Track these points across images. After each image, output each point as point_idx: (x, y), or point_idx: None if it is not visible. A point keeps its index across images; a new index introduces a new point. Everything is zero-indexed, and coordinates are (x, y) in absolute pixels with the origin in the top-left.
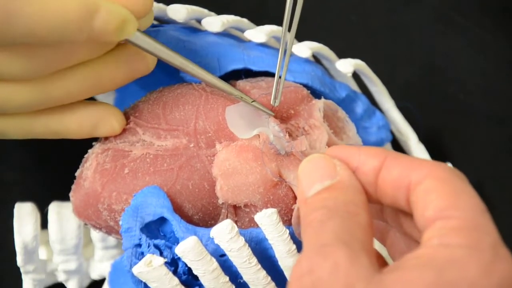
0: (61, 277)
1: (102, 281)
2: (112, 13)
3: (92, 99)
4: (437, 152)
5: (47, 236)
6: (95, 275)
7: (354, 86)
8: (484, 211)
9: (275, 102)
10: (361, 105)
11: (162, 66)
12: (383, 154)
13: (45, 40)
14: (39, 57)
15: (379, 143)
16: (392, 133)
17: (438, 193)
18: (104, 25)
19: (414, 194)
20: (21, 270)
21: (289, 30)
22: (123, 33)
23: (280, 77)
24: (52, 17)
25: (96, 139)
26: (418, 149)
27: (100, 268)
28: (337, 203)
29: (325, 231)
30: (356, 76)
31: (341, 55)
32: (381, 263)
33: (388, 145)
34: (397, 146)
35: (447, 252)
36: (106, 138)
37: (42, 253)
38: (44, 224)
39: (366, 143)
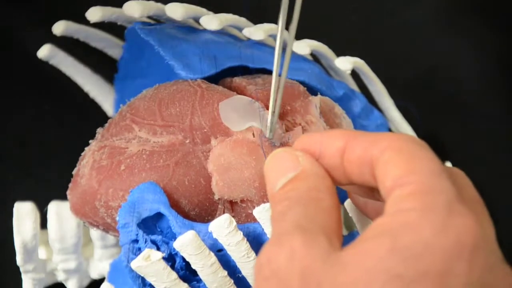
0: (60, 277)
1: (101, 280)
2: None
3: (92, 101)
4: (436, 152)
5: (47, 235)
6: (94, 274)
7: (353, 85)
8: (440, 172)
9: (270, 134)
10: (358, 104)
11: (162, 66)
12: (345, 134)
13: None
14: None
15: None
16: (391, 132)
17: (395, 163)
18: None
19: (376, 168)
20: (21, 269)
21: (287, 29)
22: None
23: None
24: None
25: (93, 137)
26: None
27: (99, 267)
28: (299, 192)
29: (284, 221)
30: (355, 75)
31: (341, 55)
32: None
33: None
34: None
35: (401, 218)
36: (103, 136)
37: (42, 253)
38: (43, 223)
39: None
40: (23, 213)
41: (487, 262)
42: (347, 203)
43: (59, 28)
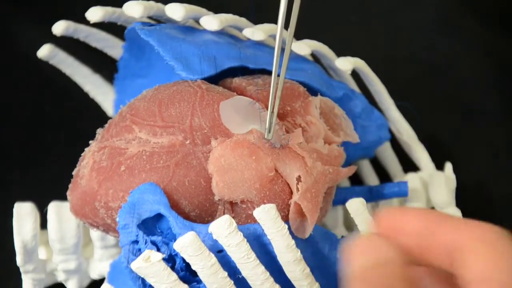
0: (60, 277)
1: (102, 280)
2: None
3: (92, 101)
4: (436, 152)
5: (47, 236)
6: (94, 275)
7: (353, 85)
8: None
9: (269, 135)
10: (359, 104)
11: (162, 66)
12: (429, 216)
13: None
14: None
15: (377, 142)
16: (391, 132)
17: (479, 256)
18: None
19: (461, 255)
20: (21, 269)
21: (286, 28)
22: None
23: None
24: None
25: (93, 138)
26: (417, 149)
27: (99, 267)
28: (387, 280)
29: None
30: (355, 75)
31: (341, 55)
32: None
33: (387, 144)
34: (397, 145)
35: None
36: (103, 136)
37: (42, 253)
38: (43, 224)
39: (364, 141)
40: (23, 213)
41: None
42: (348, 204)
43: (59, 28)
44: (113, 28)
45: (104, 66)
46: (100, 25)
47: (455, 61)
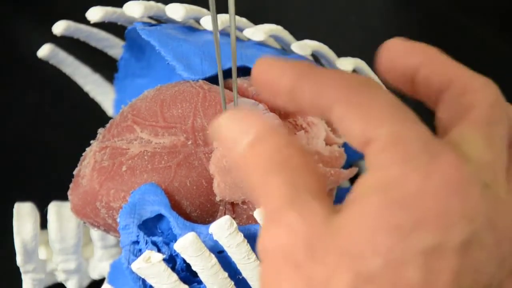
0: (60, 277)
1: (102, 280)
2: None
3: (92, 101)
4: None
5: (47, 236)
6: (95, 275)
7: None
8: (397, 113)
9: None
10: None
11: (162, 66)
12: (292, 74)
13: None
14: None
15: None
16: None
17: (350, 120)
18: None
19: (334, 122)
20: (21, 269)
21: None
22: None
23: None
24: None
25: (93, 138)
26: None
27: (100, 267)
28: (267, 156)
29: (267, 195)
30: None
31: (341, 55)
32: None
33: None
34: None
35: (385, 174)
36: (104, 136)
37: (42, 253)
38: (43, 224)
39: None
40: (23, 213)
41: (482, 188)
42: None
43: (59, 28)
44: (113, 28)
45: (104, 66)
46: (100, 25)
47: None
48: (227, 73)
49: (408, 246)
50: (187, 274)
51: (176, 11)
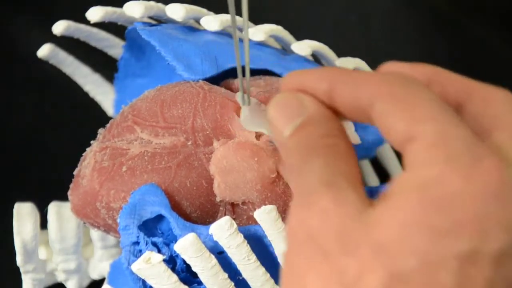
0: (60, 277)
1: (102, 281)
2: None
3: (92, 101)
4: None
5: (47, 236)
6: (95, 275)
7: None
8: (444, 112)
9: (244, 102)
10: None
11: (162, 66)
12: (329, 76)
13: None
14: None
15: (377, 142)
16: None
17: (393, 116)
18: None
19: (374, 119)
20: (21, 270)
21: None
22: None
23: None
24: None
25: (93, 138)
26: None
27: (100, 267)
28: (312, 140)
29: (305, 176)
30: None
31: (341, 55)
32: None
33: (387, 144)
34: None
35: (426, 172)
36: (104, 136)
37: (42, 253)
38: (44, 224)
39: (365, 142)
40: (23, 213)
41: None
42: None
43: (59, 28)
44: (113, 28)
45: (104, 66)
46: (100, 25)
47: (455, 61)
48: (227, 74)
49: (444, 249)
50: (187, 275)
51: (176, 11)
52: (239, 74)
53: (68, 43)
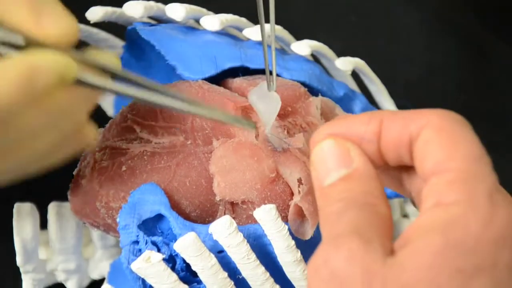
0: (60, 277)
1: (102, 281)
2: (51, 68)
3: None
4: None
5: (47, 236)
6: (94, 275)
7: (353, 85)
8: (480, 157)
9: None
10: (359, 104)
11: (162, 66)
12: (379, 116)
13: None
14: None
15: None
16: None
17: (435, 144)
18: (47, 84)
19: (415, 146)
20: (21, 269)
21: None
22: (66, 81)
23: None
24: None
25: None
26: None
27: (100, 267)
28: (355, 194)
29: (340, 222)
30: (355, 76)
31: (341, 55)
32: None
33: None
34: None
35: (447, 213)
36: (104, 136)
37: (42, 253)
38: (43, 224)
39: None
40: (23, 213)
41: None
42: None
43: None
44: (113, 28)
45: None
46: (100, 25)
47: (455, 61)
48: (226, 74)
49: None
50: (187, 274)
51: (176, 11)
52: (267, 72)
53: None
